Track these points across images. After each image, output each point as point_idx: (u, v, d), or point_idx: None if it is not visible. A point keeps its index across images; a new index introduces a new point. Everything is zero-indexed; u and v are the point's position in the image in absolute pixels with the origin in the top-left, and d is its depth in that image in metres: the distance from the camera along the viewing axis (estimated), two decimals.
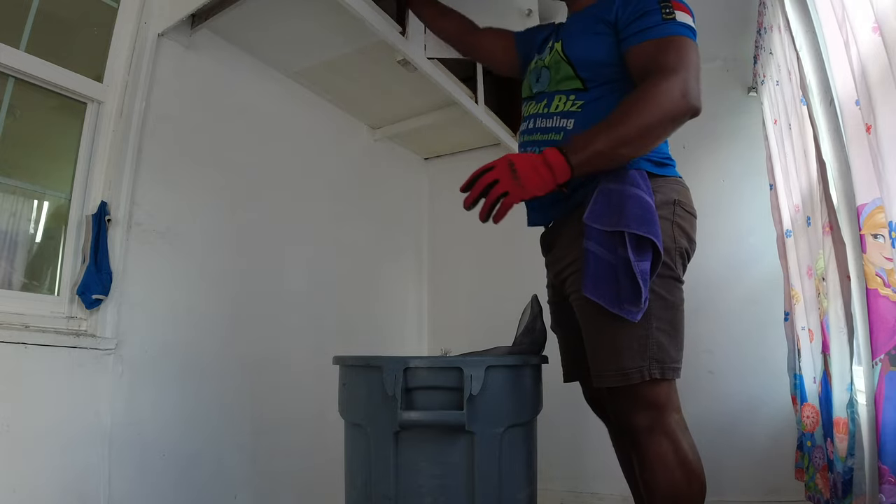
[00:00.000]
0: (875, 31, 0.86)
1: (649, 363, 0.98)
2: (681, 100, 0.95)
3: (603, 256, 0.98)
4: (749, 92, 2.06)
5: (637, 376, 0.98)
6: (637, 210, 0.97)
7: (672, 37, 1.00)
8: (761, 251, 1.90)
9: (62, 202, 1.38)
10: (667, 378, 0.99)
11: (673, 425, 1.00)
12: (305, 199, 1.98)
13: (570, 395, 1.57)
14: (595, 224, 0.99)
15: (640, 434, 1.01)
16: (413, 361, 1.04)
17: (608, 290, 0.97)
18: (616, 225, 0.97)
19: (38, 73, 1.30)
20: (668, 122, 0.96)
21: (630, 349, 0.98)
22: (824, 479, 1.33)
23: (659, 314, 0.99)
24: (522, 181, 0.93)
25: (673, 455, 0.98)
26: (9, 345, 1.15)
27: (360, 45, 1.71)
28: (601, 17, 1.09)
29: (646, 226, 0.96)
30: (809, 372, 1.46)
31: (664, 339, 0.99)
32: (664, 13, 1.01)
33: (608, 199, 0.99)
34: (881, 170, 0.84)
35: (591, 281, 0.98)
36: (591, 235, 0.99)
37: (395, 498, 1.02)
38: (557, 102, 1.12)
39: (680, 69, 0.97)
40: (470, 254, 2.58)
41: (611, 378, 1.00)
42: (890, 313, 0.88)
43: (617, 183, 1.00)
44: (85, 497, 1.24)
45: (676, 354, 1.01)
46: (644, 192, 0.99)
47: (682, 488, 0.98)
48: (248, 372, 1.67)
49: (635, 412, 1.01)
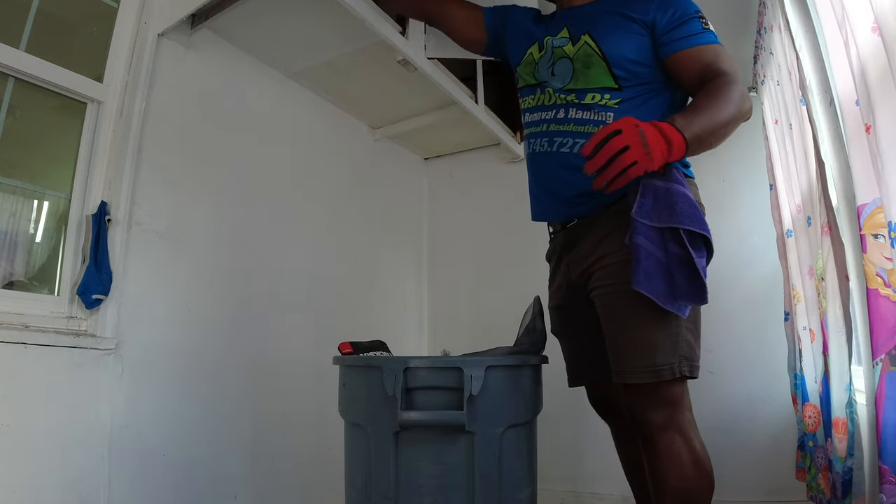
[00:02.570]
0: (874, 31, 0.85)
1: (680, 361, 0.99)
2: (748, 104, 1.00)
3: (653, 252, 0.95)
4: (749, 92, 2.05)
5: (668, 373, 0.99)
6: (688, 207, 0.95)
7: (718, 46, 1.04)
8: (761, 251, 1.90)
9: (62, 202, 1.38)
10: (694, 376, 1.01)
11: (686, 423, 1.02)
12: (305, 199, 1.98)
13: (570, 395, 1.57)
14: (644, 219, 0.95)
15: (654, 430, 1.01)
16: (413, 361, 1.04)
17: (660, 286, 0.95)
18: (668, 221, 0.94)
19: (38, 73, 1.30)
20: (741, 120, 0.98)
21: (664, 346, 0.99)
22: (826, 479, 1.33)
23: (688, 314, 0.99)
24: (653, 151, 0.87)
25: (686, 452, 0.99)
26: (9, 345, 1.15)
27: (360, 45, 1.71)
28: (636, 18, 1.08)
29: (698, 223, 0.95)
30: (811, 372, 1.46)
31: (692, 338, 1.02)
32: (703, 23, 1.05)
33: (655, 195, 0.96)
34: (880, 170, 0.84)
35: (643, 276, 0.95)
36: (640, 230, 0.95)
37: (395, 498, 1.02)
38: (590, 99, 1.09)
39: (738, 78, 1.00)
40: (470, 253, 2.58)
41: (641, 375, 1.00)
42: (890, 313, 0.88)
43: (662, 180, 0.96)
44: (85, 497, 1.24)
45: (699, 353, 1.03)
46: (688, 191, 0.98)
47: (694, 485, 0.99)
48: (249, 372, 1.67)
49: (652, 409, 1.01)
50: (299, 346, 1.87)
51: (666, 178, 0.96)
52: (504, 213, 2.44)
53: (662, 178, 0.96)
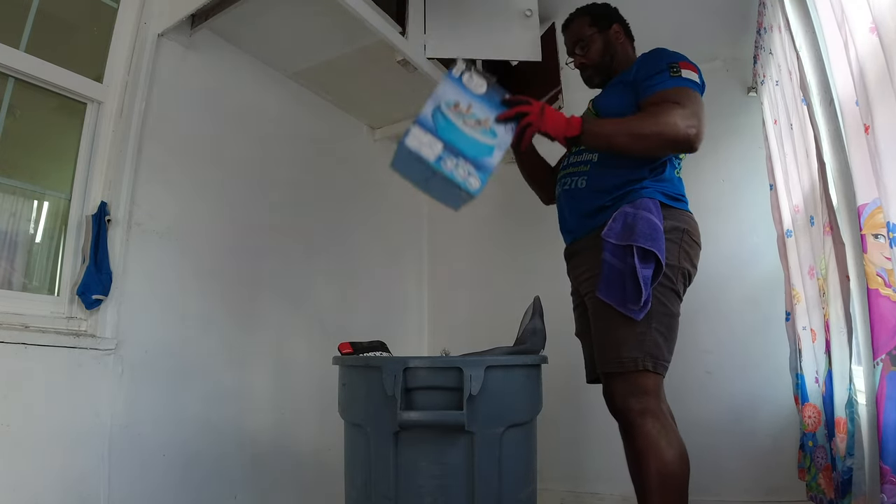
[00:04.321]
0: (873, 32, 0.85)
1: (644, 356, 1.14)
2: (679, 126, 1.12)
3: (616, 265, 1.16)
4: (749, 92, 2.05)
5: (632, 365, 1.14)
6: (646, 229, 1.14)
7: (679, 87, 1.19)
8: (762, 251, 1.90)
9: (62, 202, 1.38)
10: (657, 372, 1.15)
11: (661, 412, 1.15)
12: (305, 199, 1.98)
13: (570, 395, 1.57)
14: (610, 239, 1.18)
15: (633, 415, 1.14)
16: (413, 361, 1.04)
17: (616, 293, 1.15)
18: (627, 240, 1.15)
19: (38, 73, 1.30)
20: (661, 138, 1.14)
21: (630, 343, 1.14)
22: (827, 478, 1.33)
23: (659, 318, 1.15)
24: (546, 118, 1.15)
25: (664, 436, 1.11)
26: (9, 345, 1.15)
27: (360, 45, 1.71)
28: (626, 79, 1.30)
29: (650, 241, 1.13)
30: (811, 372, 1.46)
31: (660, 339, 1.16)
32: (671, 71, 1.21)
33: (624, 219, 1.18)
34: (879, 170, 0.84)
35: (604, 285, 1.17)
36: (607, 248, 1.18)
37: (395, 498, 1.02)
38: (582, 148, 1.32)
39: (686, 105, 1.15)
40: (470, 254, 2.57)
41: (611, 364, 1.17)
42: (891, 313, 0.88)
43: (633, 208, 1.19)
44: (85, 496, 1.24)
45: (668, 355, 1.17)
46: (654, 216, 1.16)
47: (674, 467, 1.10)
48: (248, 372, 1.68)
49: (628, 396, 1.15)
50: (299, 346, 1.87)
51: (636, 206, 1.18)
52: (504, 213, 2.44)
53: (633, 206, 1.19)
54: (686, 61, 1.22)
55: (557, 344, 1.30)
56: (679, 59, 1.23)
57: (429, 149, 1.05)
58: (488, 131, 1.13)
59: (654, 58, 1.25)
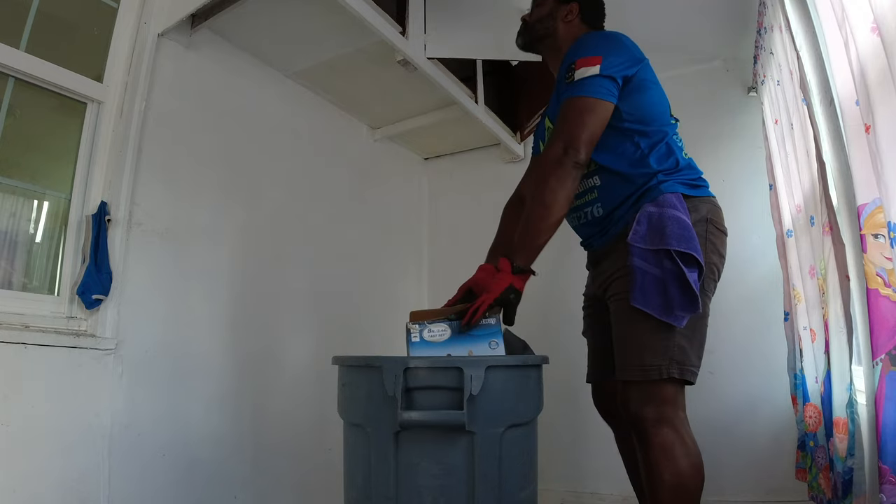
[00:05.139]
0: (874, 32, 0.85)
1: (669, 363, 1.06)
2: (560, 155, 1.09)
3: (649, 271, 1.07)
4: (749, 92, 2.05)
5: (656, 373, 1.06)
6: (677, 230, 1.07)
7: (564, 102, 1.14)
8: (761, 251, 1.90)
9: (62, 202, 1.38)
10: (685, 378, 1.07)
11: (678, 420, 1.07)
12: (305, 199, 1.98)
13: (570, 395, 1.57)
14: (638, 244, 1.09)
15: (648, 425, 1.06)
16: (413, 361, 1.04)
17: (657, 300, 1.06)
18: (659, 244, 1.07)
19: (38, 73, 1.30)
20: (555, 180, 1.09)
21: (654, 349, 1.07)
22: (826, 478, 1.33)
23: (685, 324, 1.07)
24: (487, 289, 1.11)
25: (679, 446, 1.04)
26: (9, 345, 1.15)
27: (360, 45, 1.71)
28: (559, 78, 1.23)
29: (685, 242, 1.06)
30: (811, 372, 1.46)
31: (686, 343, 1.08)
32: (567, 78, 1.15)
33: (648, 220, 1.10)
34: (880, 170, 0.84)
35: (639, 293, 1.07)
36: (636, 253, 1.09)
37: (395, 498, 1.02)
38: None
39: (563, 129, 1.11)
40: (469, 254, 2.56)
41: (633, 372, 1.09)
42: (890, 313, 0.88)
43: (656, 206, 1.10)
44: (85, 497, 1.24)
45: (696, 360, 1.10)
46: (682, 213, 1.09)
47: (687, 478, 1.03)
48: (248, 372, 1.67)
49: (644, 404, 1.07)
50: (299, 346, 1.87)
51: (659, 205, 1.10)
52: None
53: (656, 204, 1.10)
54: (585, 56, 1.13)
55: (557, 344, 1.30)
56: (579, 55, 1.14)
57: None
58: None
59: (565, 60, 1.19)
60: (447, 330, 1.17)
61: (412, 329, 1.18)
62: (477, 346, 1.16)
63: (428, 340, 1.16)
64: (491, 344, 1.16)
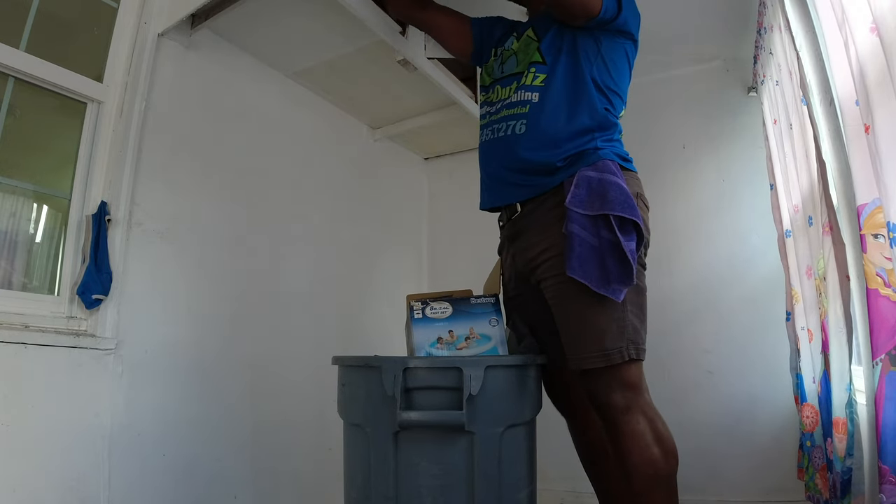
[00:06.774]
0: (873, 32, 0.85)
1: (627, 344, 1.03)
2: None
3: (587, 239, 1.02)
4: (749, 92, 2.06)
5: (618, 357, 1.02)
6: (619, 195, 1.02)
7: None
8: (762, 251, 1.90)
9: (62, 202, 1.38)
10: (640, 358, 1.05)
11: (646, 404, 1.05)
12: (305, 199, 1.98)
13: None
14: (577, 209, 1.03)
15: (617, 413, 1.04)
16: (412, 361, 1.04)
17: (594, 271, 1.01)
18: (600, 209, 1.02)
19: (38, 73, 1.30)
20: None
21: (610, 331, 1.03)
22: (823, 478, 1.33)
23: (632, 298, 1.04)
24: None
25: (650, 432, 1.03)
26: (9, 345, 1.15)
27: (360, 45, 1.71)
28: None
29: (629, 209, 1.01)
30: (809, 372, 1.46)
31: (637, 322, 1.05)
32: None
33: (588, 185, 1.05)
34: (879, 170, 0.84)
35: (576, 262, 1.01)
36: (574, 219, 1.03)
37: (395, 498, 1.02)
38: (524, 80, 1.18)
39: None
40: (469, 253, 2.57)
41: (593, 359, 1.04)
42: (890, 313, 0.88)
43: (595, 171, 1.06)
44: (85, 497, 1.24)
45: (644, 336, 1.07)
46: (620, 180, 1.05)
47: (661, 464, 1.02)
48: (249, 372, 1.67)
49: (612, 392, 1.04)
50: (299, 346, 1.87)
51: (599, 169, 1.06)
52: None
53: (594, 168, 1.06)
54: None
55: None
56: None
57: None
58: (480, 340, 1.16)
59: None
60: (448, 307, 1.18)
61: (415, 306, 1.19)
62: (477, 323, 1.16)
63: (430, 317, 1.18)
64: (491, 321, 1.16)
